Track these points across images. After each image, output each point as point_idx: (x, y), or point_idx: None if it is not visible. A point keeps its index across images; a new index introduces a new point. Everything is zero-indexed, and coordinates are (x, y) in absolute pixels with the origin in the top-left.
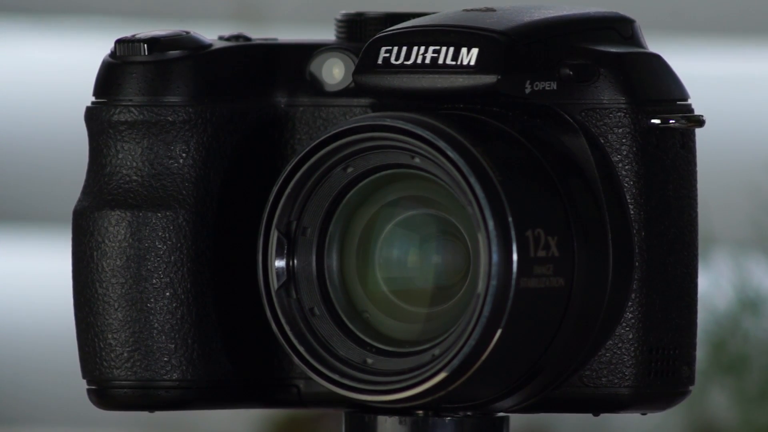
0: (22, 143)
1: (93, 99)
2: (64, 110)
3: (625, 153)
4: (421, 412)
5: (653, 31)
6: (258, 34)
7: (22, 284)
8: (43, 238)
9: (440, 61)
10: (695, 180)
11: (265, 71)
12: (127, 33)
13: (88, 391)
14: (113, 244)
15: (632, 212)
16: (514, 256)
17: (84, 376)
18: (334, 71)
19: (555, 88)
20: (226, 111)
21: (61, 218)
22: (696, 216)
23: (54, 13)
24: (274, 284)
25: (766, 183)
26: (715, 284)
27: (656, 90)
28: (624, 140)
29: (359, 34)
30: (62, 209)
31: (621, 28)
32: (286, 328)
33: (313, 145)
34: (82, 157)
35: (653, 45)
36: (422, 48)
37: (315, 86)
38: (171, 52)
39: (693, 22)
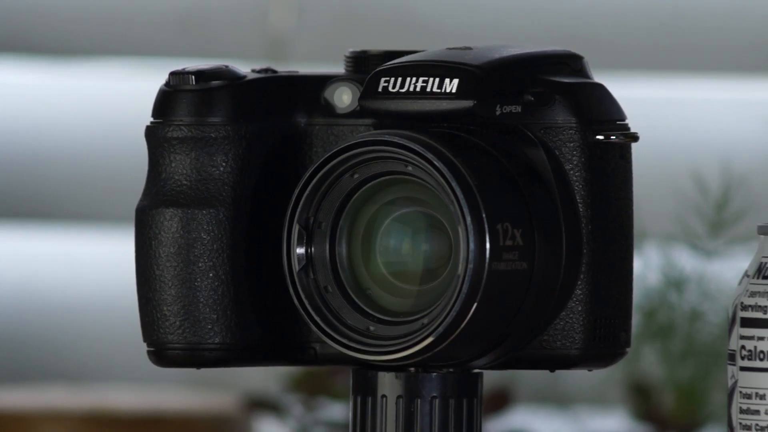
0: (97, 156)
1: (151, 119)
2: (129, 130)
3: (575, 162)
4: (413, 368)
5: (597, 65)
6: (283, 67)
7: (100, 268)
8: (115, 231)
9: (428, 89)
10: (631, 184)
11: (288, 97)
12: (177, 67)
13: (148, 352)
14: (167, 235)
15: (581, 210)
16: (487, 245)
17: (144, 340)
18: (344, 97)
19: (519, 110)
20: (257, 129)
21: (127, 216)
22: (632, 213)
23: (121, 54)
24: (296, 267)
25: (688, 188)
26: (646, 267)
27: (600, 112)
28: (574, 152)
29: (363, 67)
30: (127, 208)
31: (572, 63)
32: (306, 302)
33: (326, 156)
34: (142, 167)
35: (597, 76)
36: (414, 79)
37: (328, 109)
38: (213, 82)
39: (629, 59)
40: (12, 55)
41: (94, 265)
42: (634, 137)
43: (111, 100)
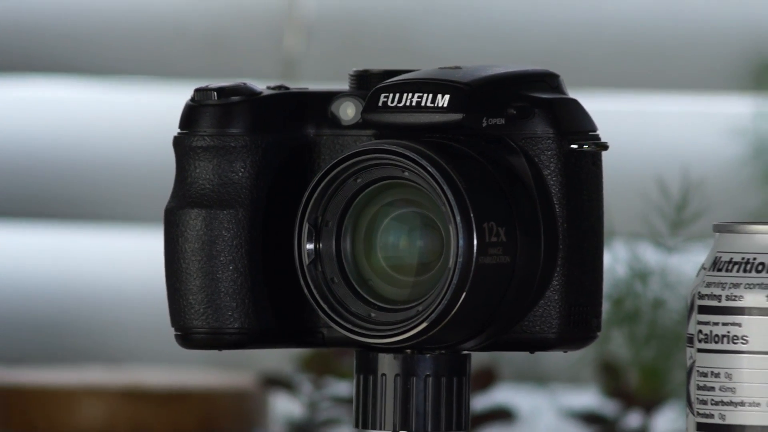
0: (131, 164)
1: (178, 130)
2: (159, 141)
3: (552, 168)
4: (409, 350)
5: (572, 82)
6: (294, 85)
7: (134, 262)
8: (147, 229)
9: (422, 104)
10: (601, 188)
11: (299, 111)
12: (201, 85)
13: (176, 336)
14: (192, 233)
15: (557, 210)
16: (475, 241)
17: (172, 326)
18: (348, 111)
19: (503, 122)
20: (272, 139)
21: (157, 216)
22: (602, 213)
23: (152, 74)
24: (306, 261)
25: (652, 191)
26: (615, 261)
27: (574, 124)
28: (552, 160)
29: (365, 84)
30: (157, 209)
31: (549, 80)
32: (314, 292)
33: (333, 163)
34: (170, 172)
35: (572, 92)
36: (410, 94)
37: (334, 122)
38: (233, 97)
39: (600, 77)
40: (60, 74)
41: (129, 259)
42: (604, 146)
43: (143, 114)
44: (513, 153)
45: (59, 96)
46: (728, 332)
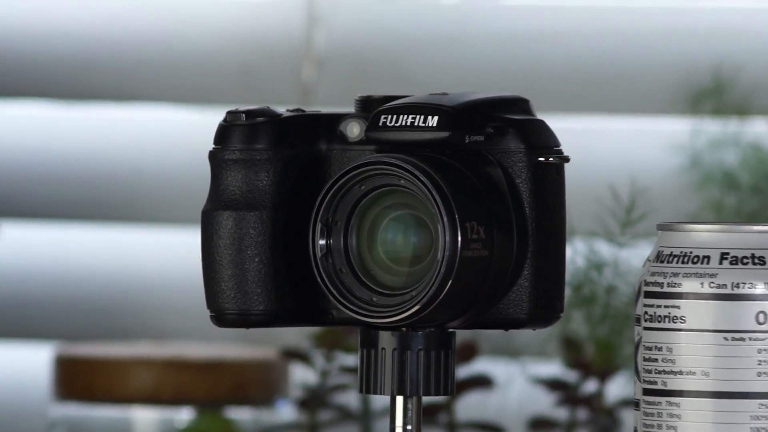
0: (175, 174)
1: (213, 146)
2: (198, 155)
3: (523, 178)
4: (404, 328)
5: (539, 106)
6: (309, 108)
7: (177, 255)
8: (188, 228)
9: (416, 124)
10: (564, 193)
11: (313, 130)
12: (232, 108)
13: (211, 316)
14: (224, 231)
15: (527, 212)
16: (459, 238)
17: (208, 308)
18: (354, 130)
19: (482, 139)
20: (290, 153)
21: (195, 217)
22: (564, 215)
23: (192, 101)
24: (319, 254)
25: (606, 196)
26: (575, 254)
27: (541, 141)
28: (522, 170)
29: (368, 108)
30: (195, 211)
31: (521, 104)
32: (326, 280)
33: (341, 173)
34: (206, 181)
35: (539, 114)
36: (405, 116)
37: (343, 139)
38: (258, 118)
39: (562, 102)
40: (121, 101)
41: (173, 253)
42: (566, 159)
43: (186, 133)
44: (490, 165)
45: (120, 119)
46: (669, 313)
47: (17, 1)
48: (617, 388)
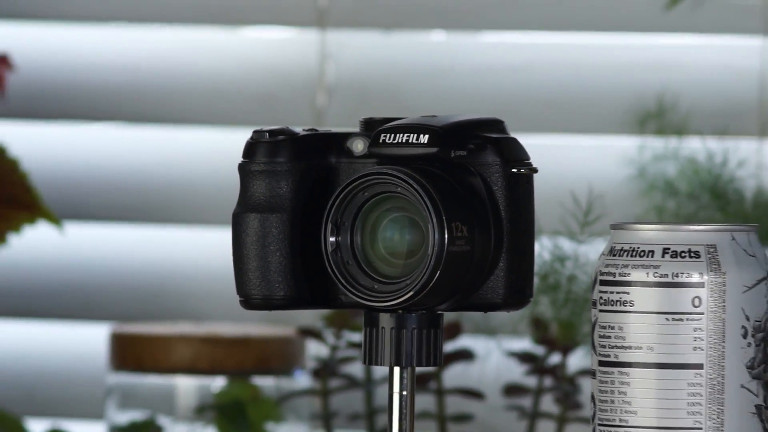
0: (211, 184)
1: (242, 159)
2: (229, 166)
3: (499, 186)
4: (401, 311)
5: (512, 126)
6: (321, 128)
7: (212, 249)
8: (221, 227)
9: (410, 141)
10: (533, 199)
11: (325, 146)
12: (257, 128)
13: (240, 301)
14: (251, 230)
15: (503, 215)
16: (446, 236)
17: (237, 293)
18: (359, 146)
19: (465, 154)
20: (306, 165)
21: (227, 219)
22: (533, 217)
23: (223, 123)
24: (330, 249)
25: (568, 201)
26: (542, 249)
27: (514, 155)
28: (498, 180)
29: (371, 127)
30: (227, 214)
31: (497, 125)
32: (335, 270)
33: (348, 182)
34: (236, 188)
35: (513, 133)
36: (401, 134)
37: (349, 153)
38: (279, 136)
39: (531, 123)
40: (166, 123)
41: (209, 248)
42: (535, 170)
43: (220, 149)
44: (472, 175)
45: (164, 137)
46: (620, 298)
47: (90, 46)
48: (577, 360)
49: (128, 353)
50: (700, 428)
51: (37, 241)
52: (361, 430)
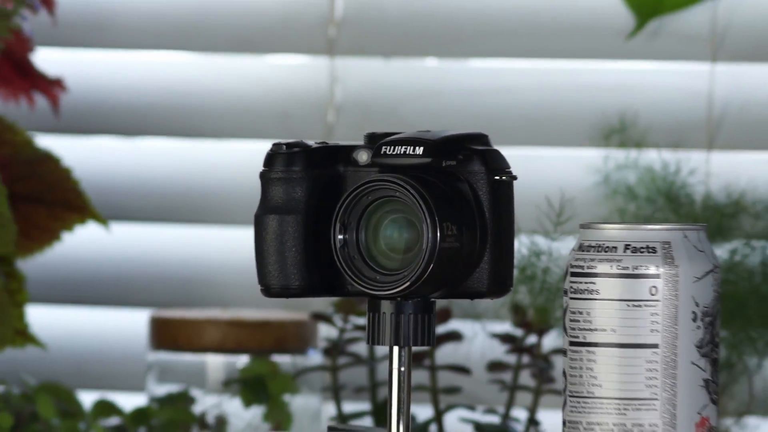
0: (236, 190)
1: (263, 168)
2: (252, 174)
3: (484, 191)
4: (399, 298)
5: (495, 140)
6: (331, 141)
7: (237, 245)
8: (246, 227)
9: (407, 152)
10: (513, 202)
11: (334, 157)
12: (276, 141)
13: (261, 290)
14: (270, 229)
15: (487, 216)
16: (438, 234)
17: (259, 283)
18: (363, 157)
19: (455, 164)
20: (318, 173)
21: (250, 219)
22: (513, 218)
23: (248, 137)
24: (338, 245)
25: (542, 204)
26: (521, 245)
27: (497, 165)
28: (483, 186)
29: (373, 141)
30: (250, 215)
31: (482, 138)
32: (343, 264)
33: (354, 187)
34: (257, 193)
35: (495, 145)
36: (399, 147)
37: (355, 163)
38: (294, 148)
39: (510, 137)
40: (199, 137)
41: (234, 244)
42: (515, 178)
43: (241, 159)
44: (461, 182)
45: (197, 148)
46: (588, 287)
47: (132, 70)
48: (550, 340)
49: (165, 334)
50: (656, 399)
51: (86, 239)
52: (365, 400)
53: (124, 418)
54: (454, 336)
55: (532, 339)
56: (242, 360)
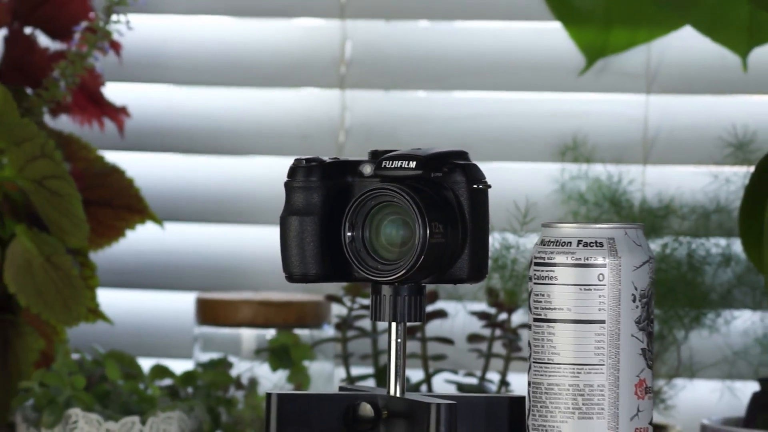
0: (266, 196)
1: (287, 178)
2: (277, 183)
3: (464, 197)
4: (396, 283)
5: (474, 155)
6: (342, 157)
7: (266, 241)
8: (273, 226)
9: (402, 166)
10: (488, 206)
11: (344, 169)
12: (298, 157)
13: (285, 276)
14: (293, 228)
15: (467, 217)
16: (428, 232)
17: (284, 271)
18: (368, 169)
19: (441, 175)
20: (331, 183)
21: (276, 220)
22: (488, 218)
23: (277, 154)
24: (347, 241)
25: (512, 208)
26: (494, 241)
27: (475, 176)
28: (464, 193)
29: (376, 156)
30: (276, 216)
31: (463, 155)
32: (351, 256)
33: (360, 194)
34: (281, 199)
35: (474, 160)
36: (397, 161)
37: (361, 174)
38: (312, 163)
39: (485, 153)
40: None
41: (264, 239)
42: (489, 186)
43: (269, 172)
44: (446, 190)
45: (234, 163)
46: (548, 275)
47: (182, 98)
48: (518, 317)
49: (208, 312)
50: (603, 364)
51: (145, 236)
52: (369, 365)
53: (176, 380)
54: (441, 314)
55: (503, 316)
56: (270, 333)
